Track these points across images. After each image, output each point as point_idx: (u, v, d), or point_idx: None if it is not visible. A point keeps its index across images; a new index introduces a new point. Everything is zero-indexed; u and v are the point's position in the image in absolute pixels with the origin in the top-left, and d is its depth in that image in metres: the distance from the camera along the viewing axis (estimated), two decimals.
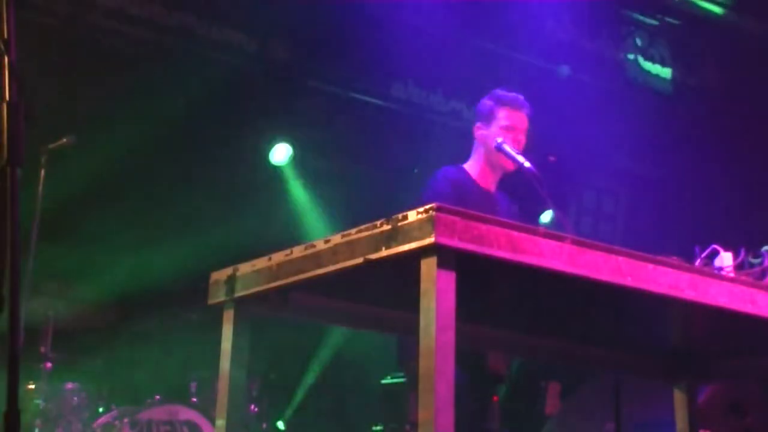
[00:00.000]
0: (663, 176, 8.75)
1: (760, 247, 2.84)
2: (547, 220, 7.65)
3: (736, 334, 3.05)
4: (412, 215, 2.15)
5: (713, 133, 8.33)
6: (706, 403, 5.03)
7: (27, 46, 2.89)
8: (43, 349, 5.79)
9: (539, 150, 4.40)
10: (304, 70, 7.35)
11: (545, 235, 2.26)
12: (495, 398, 4.33)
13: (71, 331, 6.08)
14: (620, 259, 2.37)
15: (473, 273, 2.20)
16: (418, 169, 7.33)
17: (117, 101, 6.53)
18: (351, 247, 2.28)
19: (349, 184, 7.78)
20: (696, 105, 8.63)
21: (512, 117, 4.16)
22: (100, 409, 5.99)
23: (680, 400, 3.54)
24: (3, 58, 2.00)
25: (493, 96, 4.24)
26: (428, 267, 2.13)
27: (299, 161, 7.72)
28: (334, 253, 2.33)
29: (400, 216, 2.19)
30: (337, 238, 2.34)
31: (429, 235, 2.10)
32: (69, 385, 5.91)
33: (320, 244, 2.38)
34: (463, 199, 3.92)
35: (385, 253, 2.20)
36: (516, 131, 4.15)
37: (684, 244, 2.95)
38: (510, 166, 4.14)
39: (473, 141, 4.28)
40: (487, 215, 2.20)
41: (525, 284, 2.52)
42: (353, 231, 2.30)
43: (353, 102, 7.62)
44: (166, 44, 6.79)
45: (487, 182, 4.24)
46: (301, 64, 7.31)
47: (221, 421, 2.65)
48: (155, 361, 6.37)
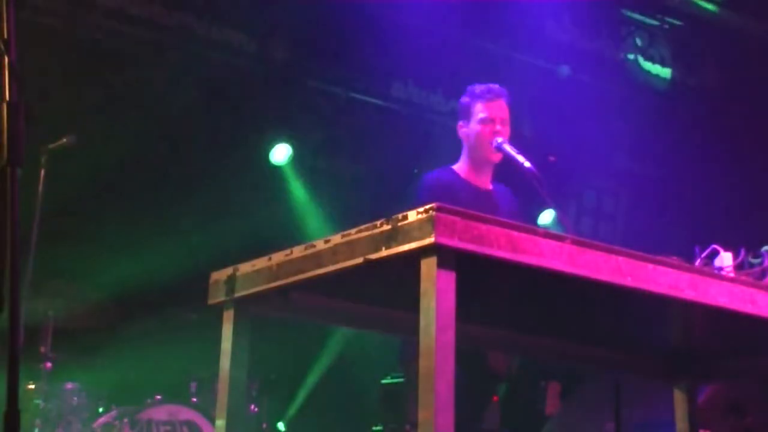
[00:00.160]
0: (663, 176, 8.75)
1: (760, 247, 2.84)
2: (547, 220, 7.65)
3: (736, 334, 3.05)
4: (412, 215, 2.15)
5: (713, 133, 8.32)
6: (706, 403, 5.03)
7: (27, 46, 2.88)
8: (43, 349, 5.78)
9: (539, 150, 4.40)
10: (304, 70, 7.35)
11: (545, 235, 2.26)
12: (495, 398, 4.33)
13: (71, 331, 6.07)
14: (620, 259, 2.37)
15: (473, 273, 2.20)
16: (418, 169, 7.31)
17: (117, 101, 6.53)
18: (351, 247, 2.28)
19: (349, 184, 7.78)
20: (696, 105, 8.63)
21: (489, 108, 4.16)
22: (100, 409, 5.97)
23: (680, 400, 3.54)
24: (3, 58, 2.00)
25: (469, 92, 4.25)
26: (428, 267, 2.13)
27: (299, 161, 7.71)
28: (334, 253, 2.33)
29: (400, 216, 2.18)
30: (337, 238, 2.34)
31: (429, 235, 2.10)
32: (69, 385, 5.90)
33: (320, 244, 2.38)
34: (453, 200, 3.91)
35: (385, 253, 2.20)
36: (494, 122, 4.14)
37: (684, 244, 2.95)
38: (496, 157, 4.13)
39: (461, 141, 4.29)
40: (487, 215, 2.21)
41: (525, 284, 2.52)
42: (353, 231, 2.30)
43: (353, 102, 7.62)
44: (166, 44, 6.79)
45: (478, 180, 4.22)
46: (301, 65, 7.31)
47: (221, 421, 2.65)
48: (155, 361, 6.35)
